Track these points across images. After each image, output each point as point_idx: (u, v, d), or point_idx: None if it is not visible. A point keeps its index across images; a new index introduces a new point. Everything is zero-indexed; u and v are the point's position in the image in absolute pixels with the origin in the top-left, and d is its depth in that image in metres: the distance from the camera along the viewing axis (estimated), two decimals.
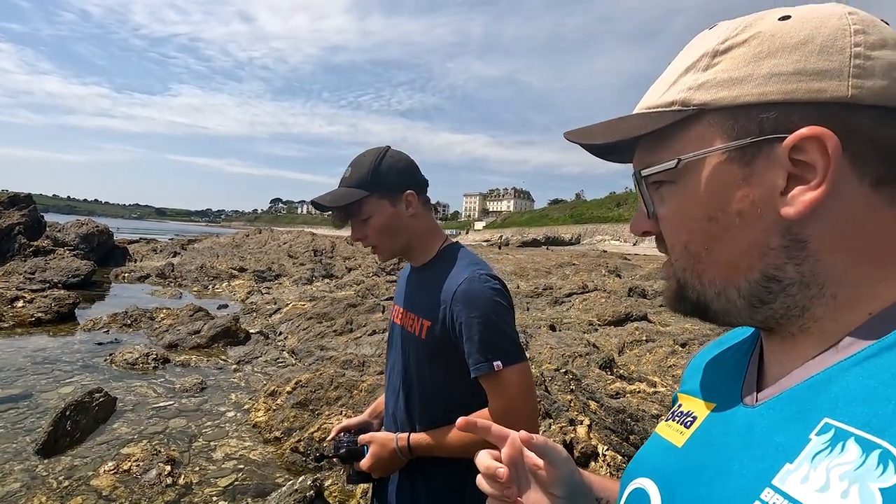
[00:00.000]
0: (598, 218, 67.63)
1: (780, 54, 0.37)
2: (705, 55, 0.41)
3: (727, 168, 0.40)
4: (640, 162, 0.45)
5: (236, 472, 2.91)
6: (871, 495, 0.28)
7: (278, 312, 7.07)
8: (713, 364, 0.53)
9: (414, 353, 1.17)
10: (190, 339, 5.51)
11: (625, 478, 0.51)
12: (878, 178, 0.36)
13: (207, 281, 10.75)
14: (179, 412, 3.70)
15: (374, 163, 1.15)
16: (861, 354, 0.35)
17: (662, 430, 0.51)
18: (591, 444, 2.96)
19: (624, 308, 6.66)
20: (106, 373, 4.45)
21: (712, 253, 0.41)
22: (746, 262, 0.40)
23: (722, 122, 0.39)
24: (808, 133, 0.36)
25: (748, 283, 0.40)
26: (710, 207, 0.40)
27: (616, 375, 3.84)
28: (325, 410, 3.33)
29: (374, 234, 1.17)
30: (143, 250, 15.97)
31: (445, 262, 1.17)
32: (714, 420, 0.45)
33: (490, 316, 1.04)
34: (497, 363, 1.02)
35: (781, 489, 0.33)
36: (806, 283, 0.38)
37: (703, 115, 0.40)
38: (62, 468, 2.82)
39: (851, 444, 0.31)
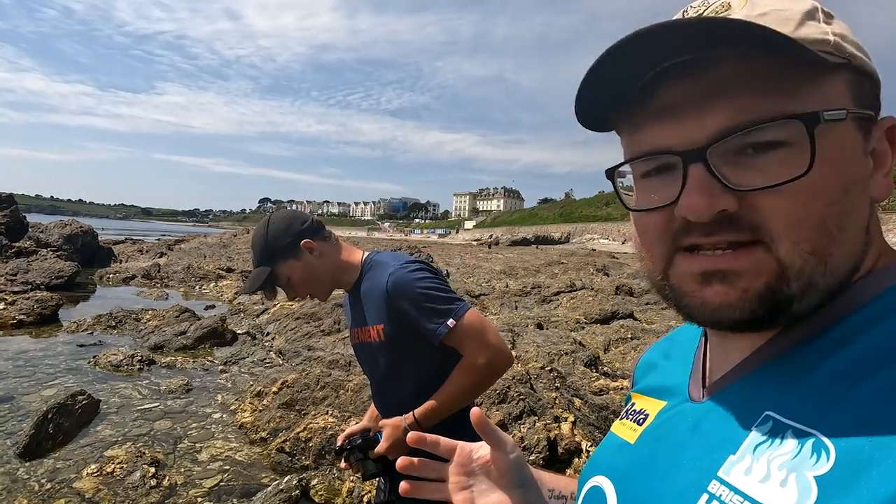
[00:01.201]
0: (588, 217, 68.04)
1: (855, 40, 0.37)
2: (816, 10, 0.36)
3: (857, 136, 0.36)
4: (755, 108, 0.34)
5: (222, 473, 2.90)
6: (807, 483, 0.30)
7: (266, 313, 7.03)
8: (662, 361, 0.54)
9: (380, 356, 1.30)
10: (176, 340, 5.46)
11: (582, 477, 0.51)
12: None
13: (194, 282, 10.66)
14: (165, 414, 3.68)
15: (264, 238, 1.29)
16: (798, 349, 0.36)
17: (617, 428, 0.51)
18: (575, 441, 3.00)
19: (611, 306, 6.72)
20: (90, 375, 4.41)
21: (844, 233, 0.35)
22: (855, 246, 0.36)
23: (854, 84, 0.36)
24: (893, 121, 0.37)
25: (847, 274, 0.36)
26: (848, 177, 0.35)
27: (601, 373, 3.89)
28: (311, 410, 3.34)
29: (301, 288, 1.31)
30: (128, 251, 15.76)
31: (371, 272, 1.31)
32: (664, 416, 0.46)
33: (423, 292, 1.20)
34: (450, 321, 1.19)
35: (727, 480, 0.34)
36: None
37: (842, 70, 0.35)
38: (44, 471, 2.79)
39: (789, 435, 0.32)
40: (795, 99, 0.34)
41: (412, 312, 1.20)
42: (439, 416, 1.22)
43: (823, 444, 0.30)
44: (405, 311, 1.21)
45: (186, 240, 21.62)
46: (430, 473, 0.60)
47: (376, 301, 1.25)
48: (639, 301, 7.76)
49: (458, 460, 0.59)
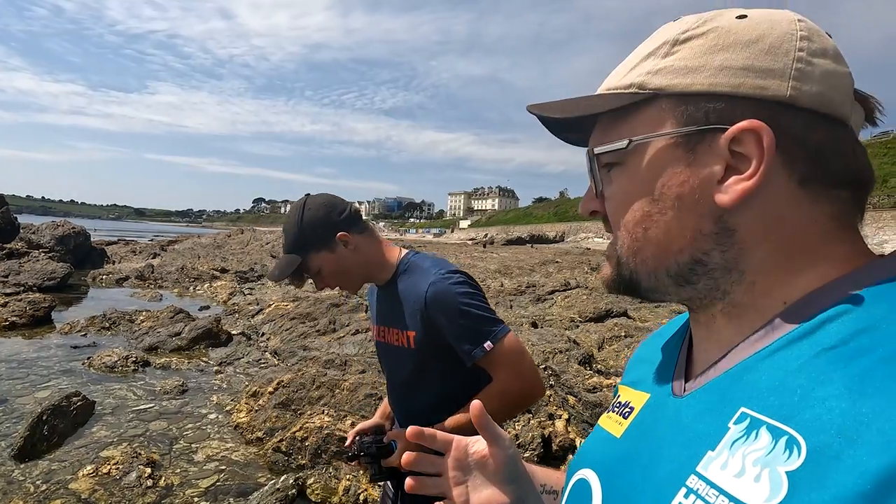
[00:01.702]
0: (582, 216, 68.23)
1: (732, 49, 0.39)
2: (666, 43, 0.42)
3: (673, 152, 0.41)
4: (595, 142, 0.47)
5: (218, 473, 2.91)
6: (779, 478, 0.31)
7: (261, 313, 7.03)
8: (650, 355, 0.54)
9: (407, 362, 1.24)
10: (171, 341, 5.46)
11: (569, 470, 0.52)
12: (803, 176, 0.39)
13: (188, 282, 10.62)
14: (160, 415, 3.68)
15: (297, 224, 1.22)
16: (773, 346, 0.38)
17: (604, 421, 0.52)
18: (569, 438, 3.04)
19: (605, 305, 6.77)
20: (84, 376, 4.39)
21: (649, 233, 0.43)
22: (678, 244, 0.42)
23: (673, 108, 0.41)
24: (747, 126, 0.38)
25: (677, 265, 0.42)
26: (653, 189, 0.42)
27: (594, 371, 3.93)
28: (307, 410, 3.35)
29: (332, 280, 1.26)
30: (121, 252, 15.67)
31: (408, 274, 1.25)
32: (648, 410, 0.47)
33: (463, 308, 1.14)
34: (487, 344, 1.13)
35: (704, 475, 0.35)
36: (728, 268, 0.41)
37: (656, 100, 0.42)
38: (40, 472, 2.79)
39: (763, 431, 0.33)
40: (611, 133, 0.45)
41: (449, 328, 1.14)
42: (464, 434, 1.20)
43: (795, 440, 0.31)
44: (441, 325, 1.15)
45: (180, 240, 21.51)
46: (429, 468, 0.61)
47: (412, 307, 1.19)
48: (633, 300, 7.81)
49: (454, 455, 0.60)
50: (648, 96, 0.42)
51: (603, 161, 0.46)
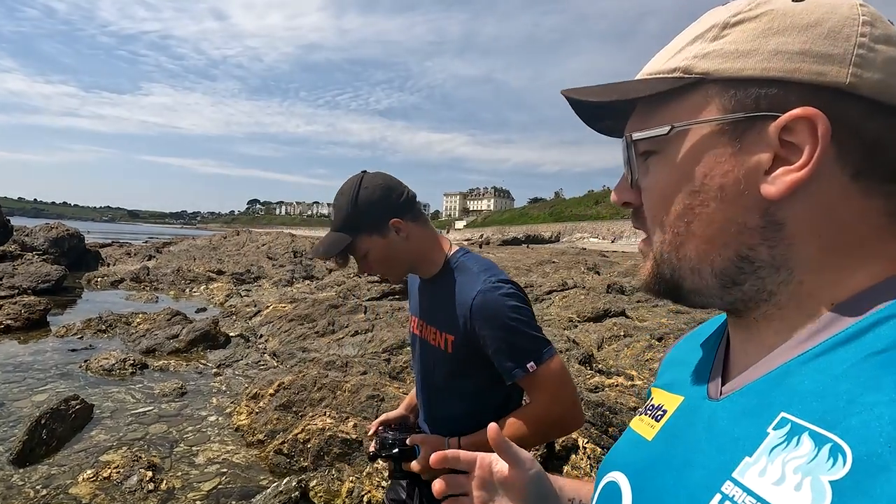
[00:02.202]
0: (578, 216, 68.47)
1: (788, 33, 0.37)
2: (715, 26, 0.40)
3: (717, 140, 0.39)
4: (632, 128, 0.44)
5: (219, 476, 2.89)
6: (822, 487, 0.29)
7: (258, 315, 6.99)
8: (685, 357, 0.53)
9: (442, 365, 1.19)
10: (168, 343, 5.42)
11: (600, 472, 0.51)
12: (857, 169, 0.36)
13: (184, 284, 10.55)
14: (159, 417, 3.65)
15: (351, 203, 1.15)
16: (817, 349, 0.36)
17: (636, 424, 0.51)
18: (572, 438, 3.04)
19: (603, 304, 6.79)
20: (81, 380, 4.36)
21: (692, 226, 0.41)
22: (723, 238, 0.40)
23: (721, 94, 0.39)
24: (801, 113, 0.36)
25: (722, 261, 0.40)
26: (696, 179, 0.40)
27: (595, 370, 3.93)
28: (308, 412, 3.34)
29: (377, 266, 1.21)
30: (116, 254, 15.56)
31: (456, 274, 1.18)
32: (682, 413, 0.46)
33: (510, 323, 1.07)
34: (530, 365, 1.05)
35: (741, 482, 0.34)
36: (777, 266, 0.39)
37: (702, 85, 0.40)
38: (39, 477, 2.76)
39: (805, 438, 0.32)
40: (651, 119, 0.43)
41: (492, 341, 1.07)
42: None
43: (840, 447, 0.30)
44: (484, 336, 1.08)
45: (175, 242, 21.40)
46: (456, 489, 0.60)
47: (455, 311, 1.13)
48: (630, 299, 7.84)
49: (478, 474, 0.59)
50: (694, 81, 0.40)
51: (641, 149, 0.44)
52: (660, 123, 0.42)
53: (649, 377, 3.80)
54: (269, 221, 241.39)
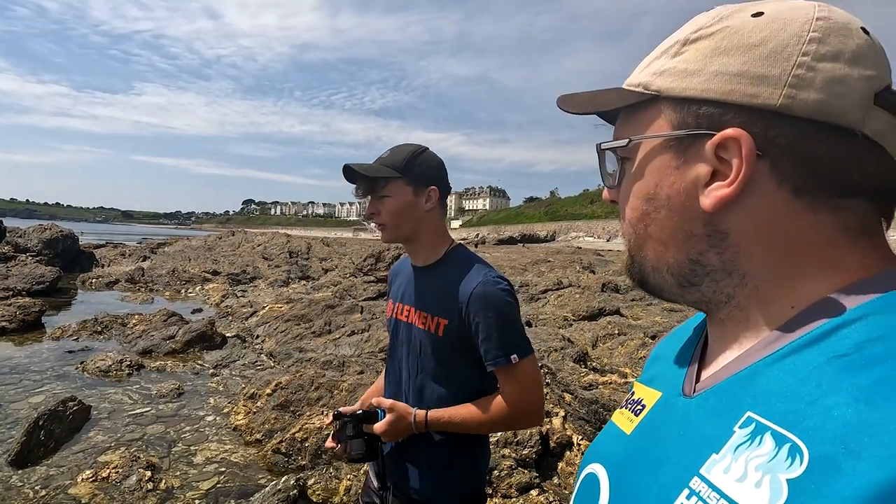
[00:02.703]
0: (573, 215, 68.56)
1: (731, 53, 0.39)
2: (678, 42, 0.43)
3: (665, 154, 0.42)
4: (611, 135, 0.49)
5: (218, 475, 2.92)
6: (780, 485, 0.31)
7: (255, 315, 7.00)
8: (668, 353, 0.55)
9: (430, 348, 1.24)
10: (164, 344, 5.42)
11: (582, 463, 0.53)
12: (796, 185, 0.38)
13: (180, 285, 10.53)
14: (157, 418, 3.67)
15: (413, 153, 1.25)
16: (784, 350, 0.37)
17: (617, 417, 0.53)
18: (567, 435, 3.08)
19: (597, 303, 6.84)
20: (78, 381, 4.36)
21: (649, 229, 0.44)
22: (674, 243, 0.43)
23: (670, 111, 0.42)
24: (730, 134, 0.38)
25: (676, 263, 0.43)
26: (649, 188, 0.44)
27: (589, 368, 3.98)
28: (306, 411, 3.36)
29: (387, 214, 1.25)
30: (110, 255, 15.50)
31: (455, 264, 1.25)
32: (658, 409, 0.47)
33: (504, 315, 1.16)
34: (513, 356, 1.14)
35: (707, 478, 0.35)
36: (728, 271, 0.41)
37: (657, 101, 0.43)
38: (38, 478, 2.78)
39: (768, 437, 0.33)
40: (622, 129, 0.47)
41: (484, 329, 1.15)
42: (449, 430, 1.20)
43: (798, 447, 0.31)
44: (477, 324, 1.16)
45: (170, 243, 21.30)
46: None
47: (452, 298, 1.19)
48: (625, 298, 7.90)
49: None
50: (651, 97, 0.43)
51: (619, 154, 0.47)
52: (626, 134, 0.46)
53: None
54: (265, 222, 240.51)
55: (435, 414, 1.20)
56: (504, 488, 2.65)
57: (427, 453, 1.25)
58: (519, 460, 2.80)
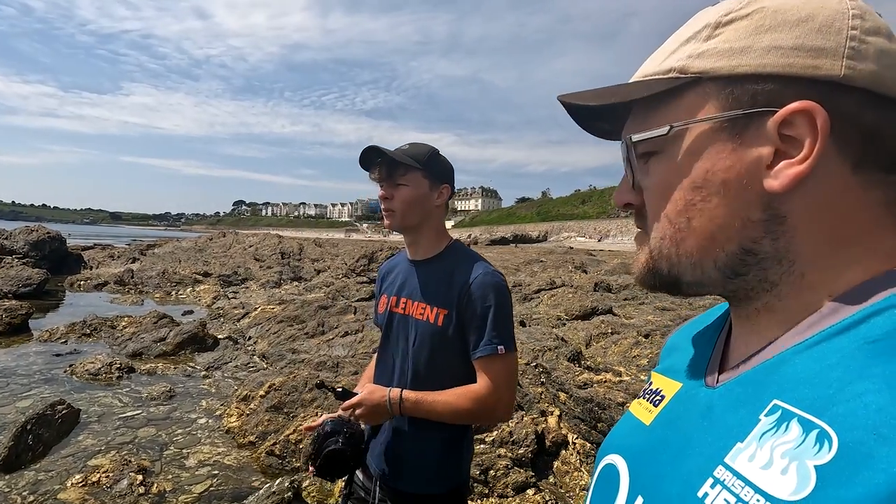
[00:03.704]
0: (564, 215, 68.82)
1: (781, 29, 0.38)
2: (707, 26, 0.41)
3: (717, 138, 0.40)
4: (631, 130, 0.45)
5: (211, 478, 2.88)
6: (807, 472, 0.30)
7: (247, 317, 6.94)
8: (686, 343, 0.54)
9: (425, 337, 1.27)
10: (155, 346, 5.36)
11: (599, 454, 0.52)
12: (857, 160, 0.37)
13: (170, 287, 10.42)
14: (148, 421, 3.62)
15: (433, 151, 1.33)
16: (814, 339, 0.37)
17: (635, 408, 0.52)
18: (562, 434, 3.08)
19: (590, 302, 6.86)
20: (66, 384, 4.29)
21: (693, 222, 0.41)
22: (726, 233, 0.40)
23: (717, 92, 0.40)
24: (799, 107, 0.36)
25: (725, 255, 0.40)
26: (696, 176, 0.41)
27: (584, 367, 3.99)
28: (300, 413, 3.33)
29: (400, 201, 1.29)
30: (98, 256, 15.29)
31: (455, 258, 1.31)
32: (679, 399, 0.47)
33: (500, 307, 1.21)
34: (500, 347, 1.19)
35: (732, 466, 0.35)
36: (780, 258, 0.39)
37: (698, 84, 0.40)
38: (26, 483, 2.73)
39: (794, 424, 0.33)
40: (649, 121, 0.44)
41: (479, 316, 1.20)
42: (421, 413, 1.22)
43: (827, 433, 0.31)
44: (472, 313, 1.20)
45: (159, 244, 21.09)
46: None
47: (452, 288, 1.24)
48: (617, 297, 7.94)
49: None
50: (690, 80, 0.41)
51: (640, 150, 0.44)
52: (658, 124, 0.43)
53: (637, 373, 3.86)
54: (256, 223, 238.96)
55: (414, 396, 1.22)
56: (500, 488, 2.65)
57: (417, 447, 1.27)
58: (515, 460, 2.80)
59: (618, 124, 0.48)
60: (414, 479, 1.27)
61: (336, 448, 1.23)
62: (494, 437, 2.89)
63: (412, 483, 1.27)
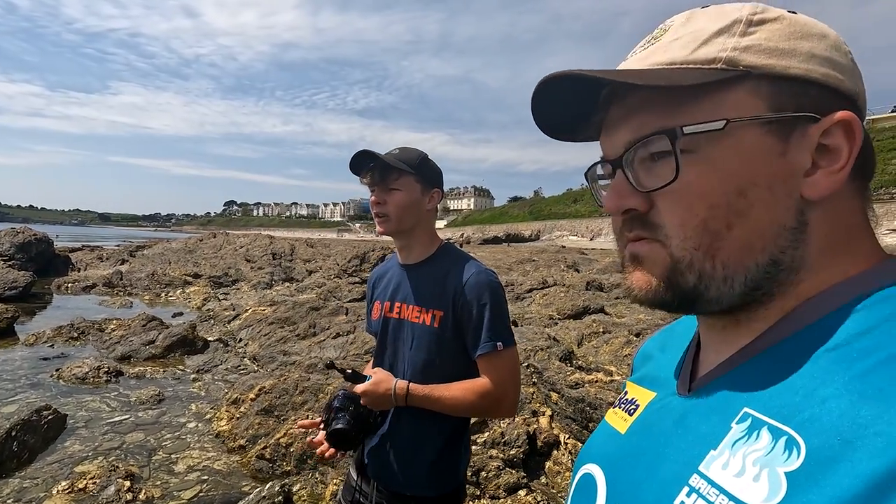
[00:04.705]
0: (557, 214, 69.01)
1: (811, 39, 0.38)
2: (738, 22, 0.39)
3: (766, 139, 0.37)
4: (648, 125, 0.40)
5: (200, 484, 2.85)
6: (778, 478, 0.31)
7: (237, 319, 6.89)
8: (658, 352, 0.54)
9: (422, 340, 1.27)
10: (144, 349, 5.30)
11: (577, 464, 0.52)
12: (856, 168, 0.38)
13: (160, 289, 10.32)
14: (136, 426, 3.58)
15: (424, 155, 1.33)
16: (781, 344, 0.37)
17: (610, 417, 0.52)
18: (554, 434, 3.08)
19: (582, 302, 6.88)
20: (53, 389, 4.23)
21: (734, 231, 0.38)
22: (762, 243, 0.38)
23: (767, 91, 0.38)
24: (843, 117, 0.36)
25: (756, 267, 0.38)
26: (743, 179, 0.37)
27: (575, 367, 3.99)
28: (291, 416, 3.31)
29: (394, 206, 1.29)
30: (87, 258, 15.10)
31: (447, 259, 1.32)
32: (653, 408, 0.47)
33: (495, 304, 1.23)
34: (499, 344, 1.21)
35: (706, 474, 0.35)
36: (794, 268, 0.38)
37: (747, 80, 0.38)
38: (10, 491, 2.68)
39: (764, 431, 0.33)
40: (680, 114, 0.39)
41: (476, 315, 1.21)
42: (427, 406, 1.22)
43: (795, 440, 0.31)
44: (469, 312, 1.22)
45: (149, 245, 20.88)
46: None
47: (446, 289, 1.25)
48: (609, 296, 7.97)
49: None
50: (740, 74, 0.38)
51: (654, 148, 0.40)
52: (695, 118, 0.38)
53: (628, 372, 3.87)
54: (247, 223, 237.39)
55: (420, 389, 1.22)
56: (492, 489, 2.64)
57: (415, 449, 1.27)
58: (506, 460, 2.80)
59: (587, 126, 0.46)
60: (412, 481, 1.27)
61: (341, 428, 1.24)
62: (486, 438, 2.88)
63: (410, 485, 1.27)
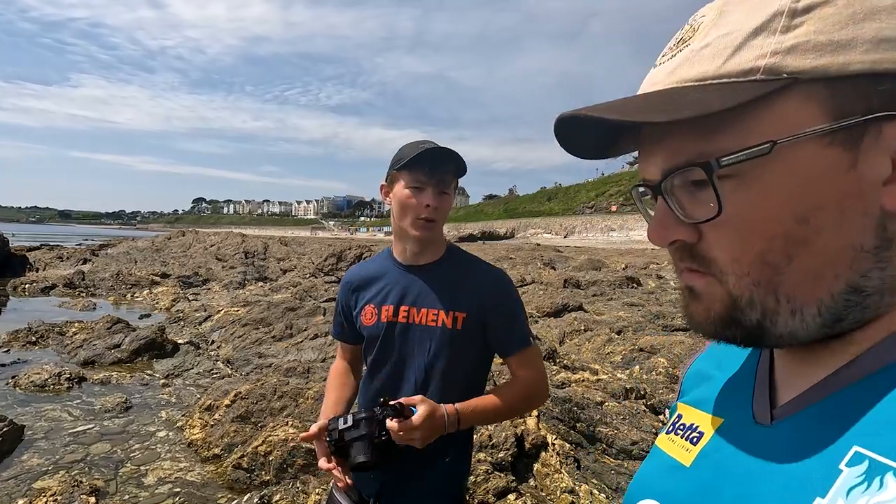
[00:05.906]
0: (531, 212, 69.87)
1: (878, 17, 0.31)
2: (779, 14, 0.32)
3: (829, 153, 0.32)
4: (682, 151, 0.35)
5: (172, 497, 2.69)
6: None
7: (209, 320, 6.65)
8: (714, 371, 0.49)
9: (444, 344, 1.21)
10: (109, 353, 5.04)
11: (627, 499, 0.47)
12: None
13: (125, 289, 9.90)
14: (101, 436, 3.37)
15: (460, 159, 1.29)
16: (889, 370, 0.32)
17: (665, 444, 0.47)
18: (541, 435, 3.04)
19: (561, 299, 6.91)
20: (9, 398, 3.97)
21: (796, 261, 0.33)
22: (834, 270, 0.33)
23: (823, 96, 0.32)
24: None
25: (832, 297, 0.33)
26: (803, 204, 0.33)
27: (560, 366, 3.97)
28: (269, 422, 3.17)
29: (443, 212, 1.25)
30: (46, 258, 14.39)
31: (460, 261, 1.29)
32: (725, 438, 0.41)
33: (518, 301, 1.26)
34: (531, 339, 1.25)
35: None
36: (882, 291, 0.33)
37: (793, 87, 0.32)
38: None
39: (890, 479, 0.28)
40: (717, 139, 0.34)
41: (503, 318, 1.22)
42: (478, 422, 1.20)
43: None
44: (496, 314, 1.22)
45: (113, 244, 20.11)
46: None
47: (469, 290, 1.22)
48: (586, 293, 8.04)
49: None
50: (785, 83, 0.32)
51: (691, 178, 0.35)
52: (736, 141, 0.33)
53: (612, 371, 3.87)
54: (217, 221, 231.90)
55: (465, 406, 1.15)
56: (481, 494, 2.58)
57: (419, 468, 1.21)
58: (495, 464, 2.74)
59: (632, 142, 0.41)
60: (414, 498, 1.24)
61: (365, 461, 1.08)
62: (474, 442, 2.82)
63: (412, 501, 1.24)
